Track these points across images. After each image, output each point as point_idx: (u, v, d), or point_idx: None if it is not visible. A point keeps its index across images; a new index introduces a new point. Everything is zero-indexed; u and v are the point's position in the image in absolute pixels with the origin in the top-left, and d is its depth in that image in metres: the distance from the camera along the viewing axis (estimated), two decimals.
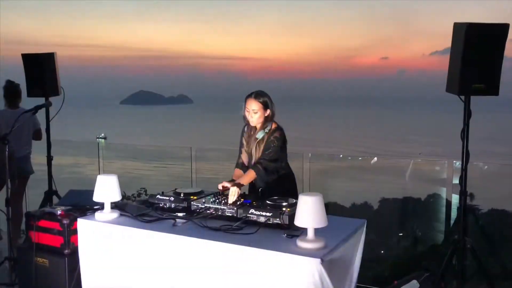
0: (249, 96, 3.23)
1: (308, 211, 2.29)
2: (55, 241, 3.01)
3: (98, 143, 6.28)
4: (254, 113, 3.20)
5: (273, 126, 3.27)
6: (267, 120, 3.24)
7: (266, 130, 3.24)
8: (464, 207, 3.25)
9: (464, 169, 3.26)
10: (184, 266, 2.58)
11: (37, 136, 4.96)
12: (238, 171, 3.38)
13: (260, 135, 3.25)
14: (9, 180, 3.79)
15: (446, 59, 3.28)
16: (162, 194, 3.07)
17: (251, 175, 3.15)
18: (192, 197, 2.99)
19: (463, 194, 3.27)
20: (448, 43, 3.21)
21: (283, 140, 3.25)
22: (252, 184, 3.28)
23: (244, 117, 3.31)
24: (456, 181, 3.83)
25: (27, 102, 4.87)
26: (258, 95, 3.22)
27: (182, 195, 3.01)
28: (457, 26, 3.09)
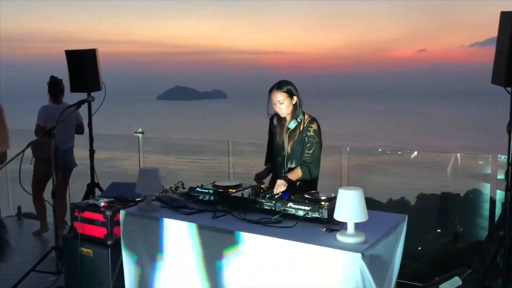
0: (271, 89, 3.20)
1: (349, 205, 2.27)
2: (99, 232, 3.11)
3: (139, 138, 6.40)
4: (280, 103, 3.17)
5: (306, 117, 3.23)
6: (296, 108, 3.19)
7: (299, 119, 3.21)
8: (510, 203, 3.15)
9: (510, 164, 3.15)
10: (223, 257, 2.61)
11: (79, 130, 5.12)
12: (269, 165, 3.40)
13: (292, 124, 3.20)
14: (54, 172, 3.93)
15: (486, 51, 3.18)
16: (201, 187, 3.11)
17: (298, 174, 3.16)
18: (230, 190, 3.02)
19: (509, 189, 3.16)
20: (489, 34, 3.13)
21: (320, 133, 3.23)
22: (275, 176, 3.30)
23: (269, 114, 3.32)
24: (501, 176, 3.70)
25: (69, 97, 5.03)
26: (280, 84, 3.19)
27: (221, 188, 3.04)
28: (504, 15, 2.98)
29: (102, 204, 3.13)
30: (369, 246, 2.27)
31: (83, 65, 4.41)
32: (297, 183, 3.18)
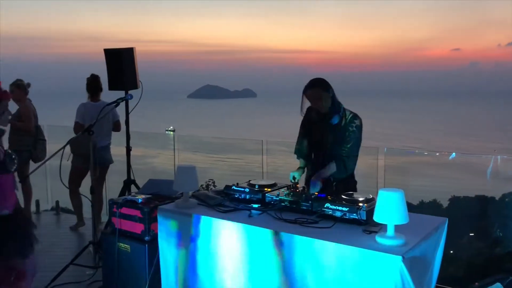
0: (305, 89, 3.16)
1: (390, 207, 2.23)
2: (136, 227, 3.15)
3: (173, 136, 6.48)
4: (318, 98, 3.13)
5: (348, 112, 3.19)
6: (334, 100, 3.15)
7: (341, 114, 3.16)
8: None
9: None
10: (259, 257, 2.61)
11: (116, 127, 5.22)
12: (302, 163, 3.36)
13: (335, 120, 3.14)
14: (92, 169, 4.02)
15: None
16: (237, 185, 3.12)
17: (333, 169, 3.12)
18: (266, 189, 3.02)
19: None
20: None
21: (361, 130, 3.18)
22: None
23: (302, 113, 3.29)
24: None
25: (107, 95, 5.14)
26: (310, 84, 3.15)
27: (256, 186, 3.04)
28: None
29: (140, 200, 3.18)
30: (409, 248, 2.23)
31: (121, 63, 4.48)
32: (333, 184, 3.14)
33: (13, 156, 2.66)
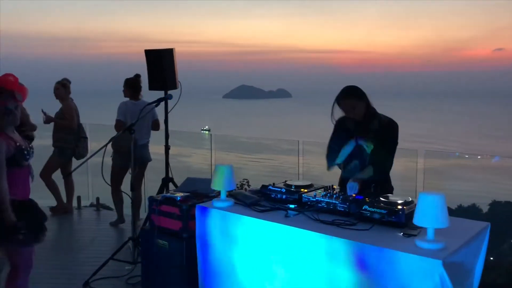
0: (337, 100, 3.12)
1: (430, 211, 2.19)
2: (175, 225, 3.21)
3: (210, 136, 6.57)
4: (353, 107, 3.09)
5: (383, 117, 3.16)
6: (369, 106, 3.12)
7: (377, 120, 3.12)
8: None
9: None
10: (295, 257, 2.61)
11: (155, 126, 5.32)
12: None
13: (373, 126, 3.11)
14: (132, 166, 4.12)
15: None
16: (273, 185, 3.14)
17: (369, 173, 3.10)
18: (302, 189, 3.02)
19: None
20: None
21: (398, 135, 3.15)
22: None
23: (333, 121, 3.27)
24: None
25: (144, 95, 5.26)
26: (344, 92, 3.11)
27: (293, 187, 3.05)
28: None
29: (178, 198, 3.24)
30: (450, 253, 2.18)
31: (161, 64, 4.57)
32: (372, 185, 3.11)
33: (25, 152, 2.80)
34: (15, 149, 2.79)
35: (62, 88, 5.75)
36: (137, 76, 5.23)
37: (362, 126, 3.15)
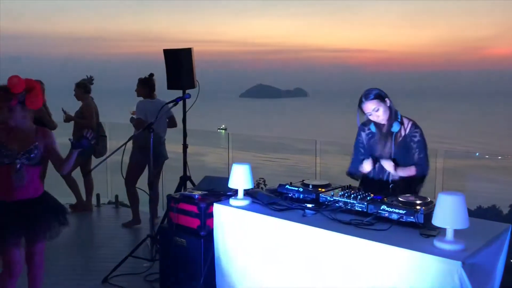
0: (360, 103, 3.11)
1: (449, 211, 2.17)
2: (193, 223, 3.24)
3: (227, 135, 6.59)
4: (376, 111, 3.08)
5: (406, 120, 3.16)
6: (391, 109, 3.11)
7: (400, 122, 3.12)
8: None
9: None
10: (312, 257, 2.61)
11: (172, 123, 5.36)
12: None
13: (396, 127, 3.10)
14: (152, 164, 4.16)
15: None
16: (291, 184, 3.14)
17: (412, 171, 3.11)
18: (320, 189, 3.02)
19: None
20: None
21: (425, 138, 3.17)
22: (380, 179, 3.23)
23: (364, 124, 3.28)
24: None
25: (162, 94, 5.30)
26: (367, 94, 3.10)
27: (310, 186, 3.05)
28: None
29: (196, 196, 3.27)
30: (470, 254, 2.16)
31: (179, 63, 4.61)
32: (390, 186, 3.10)
33: (3, 152, 2.89)
34: None
35: (78, 89, 5.84)
36: (151, 75, 5.28)
37: (385, 129, 3.15)
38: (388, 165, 3.06)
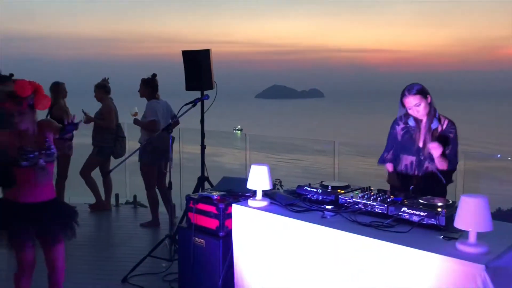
0: (402, 96, 3.21)
1: (472, 214, 2.14)
2: (211, 223, 3.25)
3: (246, 136, 6.60)
4: (417, 106, 3.16)
5: (443, 118, 3.24)
6: (431, 106, 3.19)
7: (437, 117, 3.21)
8: None
9: None
10: (331, 258, 2.60)
11: (176, 122, 5.38)
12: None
13: (434, 124, 3.20)
14: (170, 165, 4.19)
15: None
16: (310, 185, 3.13)
17: (445, 164, 3.16)
18: (339, 190, 3.01)
19: None
20: None
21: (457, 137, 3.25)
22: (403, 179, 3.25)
23: (400, 118, 3.35)
24: None
25: (183, 95, 5.33)
26: (410, 89, 3.18)
27: (329, 188, 3.03)
28: None
29: (215, 197, 3.28)
30: (493, 257, 2.13)
31: (198, 64, 4.63)
32: (410, 187, 3.07)
33: (24, 154, 2.90)
34: (17, 149, 2.89)
35: (98, 90, 5.91)
36: (154, 76, 5.33)
37: (422, 124, 3.23)
38: (435, 147, 3.05)
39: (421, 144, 3.24)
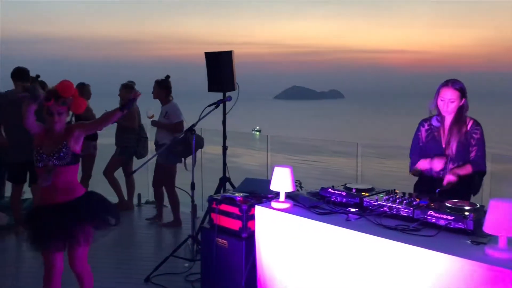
0: (444, 85, 3.15)
1: (503, 218, 2.10)
2: (234, 224, 3.26)
3: (268, 137, 6.60)
4: (451, 102, 3.12)
5: (470, 119, 3.18)
6: (462, 110, 3.13)
7: (464, 119, 3.15)
8: None
9: None
10: (356, 262, 2.58)
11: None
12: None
13: (459, 125, 3.14)
14: (193, 166, 4.22)
15: None
16: (333, 188, 3.11)
17: (469, 169, 3.11)
18: (363, 193, 2.98)
19: None
20: None
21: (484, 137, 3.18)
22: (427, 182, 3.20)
23: (424, 120, 3.28)
24: None
25: (204, 96, 5.36)
26: (455, 82, 3.13)
27: (354, 190, 3.01)
28: None
29: (238, 198, 3.29)
30: None
31: (220, 65, 4.65)
32: (437, 190, 3.03)
33: (38, 156, 2.92)
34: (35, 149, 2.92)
35: (124, 90, 5.98)
36: (168, 77, 5.40)
37: (446, 123, 3.18)
38: (438, 163, 3.09)
39: (444, 145, 3.20)
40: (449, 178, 3.07)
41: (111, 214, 3.16)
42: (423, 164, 3.25)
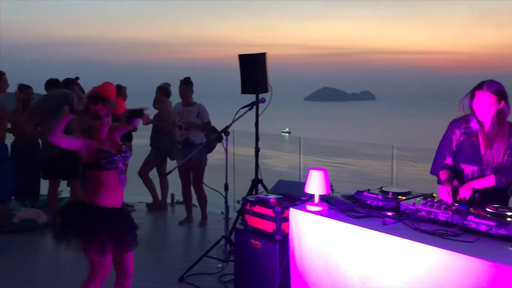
0: (479, 88, 2.90)
1: None
2: (268, 226, 3.27)
3: (300, 139, 6.59)
4: (489, 106, 2.89)
5: (508, 123, 2.96)
6: (502, 115, 2.91)
7: (505, 126, 2.93)
8: None
9: None
10: (392, 267, 2.54)
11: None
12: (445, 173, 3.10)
13: (496, 131, 2.93)
14: (226, 167, 4.25)
15: None
16: (369, 191, 3.08)
17: (491, 182, 2.93)
18: (400, 197, 2.93)
19: None
20: None
21: None
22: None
23: (457, 120, 3.10)
24: None
25: (238, 99, 5.39)
26: (490, 85, 2.87)
27: (390, 194, 2.97)
28: None
29: (271, 200, 3.29)
30: None
31: (254, 68, 4.67)
32: (475, 195, 2.95)
33: (109, 157, 2.85)
34: (97, 152, 2.85)
35: (159, 92, 6.10)
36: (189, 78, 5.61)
37: (483, 128, 2.99)
38: (442, 193, 2.89)
39: (483, 152, 2.99)
40: (463, 194, 2.88)
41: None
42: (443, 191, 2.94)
